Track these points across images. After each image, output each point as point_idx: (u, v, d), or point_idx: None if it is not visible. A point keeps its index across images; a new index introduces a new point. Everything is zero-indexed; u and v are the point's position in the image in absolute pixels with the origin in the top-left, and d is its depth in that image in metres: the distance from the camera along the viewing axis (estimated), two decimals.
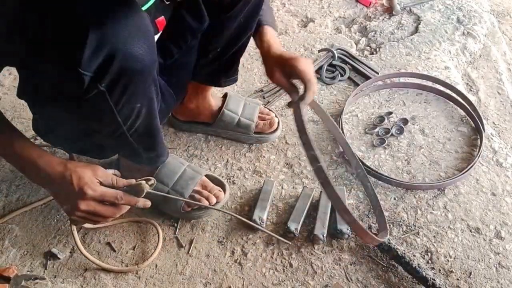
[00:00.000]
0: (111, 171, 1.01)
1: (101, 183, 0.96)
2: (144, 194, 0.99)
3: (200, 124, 1.46)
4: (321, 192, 1.29)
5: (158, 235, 1.22)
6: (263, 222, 1.21)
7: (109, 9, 0.80)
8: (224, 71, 1.32)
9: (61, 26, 0.77)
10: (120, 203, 0.97)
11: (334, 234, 1.21)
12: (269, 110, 1.48)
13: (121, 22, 0.81)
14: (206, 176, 1.28)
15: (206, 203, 1.21)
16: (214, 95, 1.44)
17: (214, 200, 1.22)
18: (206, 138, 1.47)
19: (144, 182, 0.99)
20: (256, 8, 1.17)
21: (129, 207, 1.00)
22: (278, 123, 1.46)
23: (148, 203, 1.02)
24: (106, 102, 0.88)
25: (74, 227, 1.08)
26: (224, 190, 1.26)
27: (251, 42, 1.27)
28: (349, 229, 1.19)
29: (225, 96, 1.47)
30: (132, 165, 1.20)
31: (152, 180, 1.01)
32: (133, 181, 0.99)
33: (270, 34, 1.22)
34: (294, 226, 1.20)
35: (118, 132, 0.99)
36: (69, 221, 1.07)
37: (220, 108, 1.43)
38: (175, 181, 1.23)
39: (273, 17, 1.30)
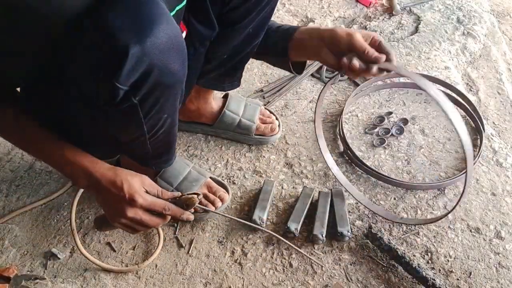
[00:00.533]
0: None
1: (147, 192, 0.98)
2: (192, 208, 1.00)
3: (200, 124, 1.46)
4: (320, 192, 1.29)
5: (159, 235, 1.22)
6: (263, 222, 1.21)
7: (147, 23, 0.80)
8: (229, 77, 1.32)
9: (102, 41, 0.77)
10: (167, 214, 0.99)
11: (334, 236, 1.21)
12: (270, 112, 1.49)
13: (159, 37, 0.81)
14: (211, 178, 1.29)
15: (212, 207, 1.22)
16: (214, 96, 1.44)
17: (219, 204, 1.24)
18: (206, 138, 1.47)
19: (195, 196, 0.99)
20: (266, 19, 1.18)
21: (169, 218, 1.01)
22: (279, 125, 1.46)
23: (192, 217, 1.03)
24: (136, 114, 0.89)
25: (74, 228, 1.08)
26: (227, 192, 1.28)
27: None
28: (350, 231, 1.19)
29: (225, 96, 1.46)
30: (133, 164, 1.20)
31: (201, 196, 1.02)
32: (177, 193, 1.01)
33: (305, 27, 1.19)
34: (294, 226, 1.20)
35: (139, 140, 0.99)
36: (94, 224, 1.09)
37: (221, 109, 1.43)
38: (179, 182, 1.23)
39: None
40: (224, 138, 1.47)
